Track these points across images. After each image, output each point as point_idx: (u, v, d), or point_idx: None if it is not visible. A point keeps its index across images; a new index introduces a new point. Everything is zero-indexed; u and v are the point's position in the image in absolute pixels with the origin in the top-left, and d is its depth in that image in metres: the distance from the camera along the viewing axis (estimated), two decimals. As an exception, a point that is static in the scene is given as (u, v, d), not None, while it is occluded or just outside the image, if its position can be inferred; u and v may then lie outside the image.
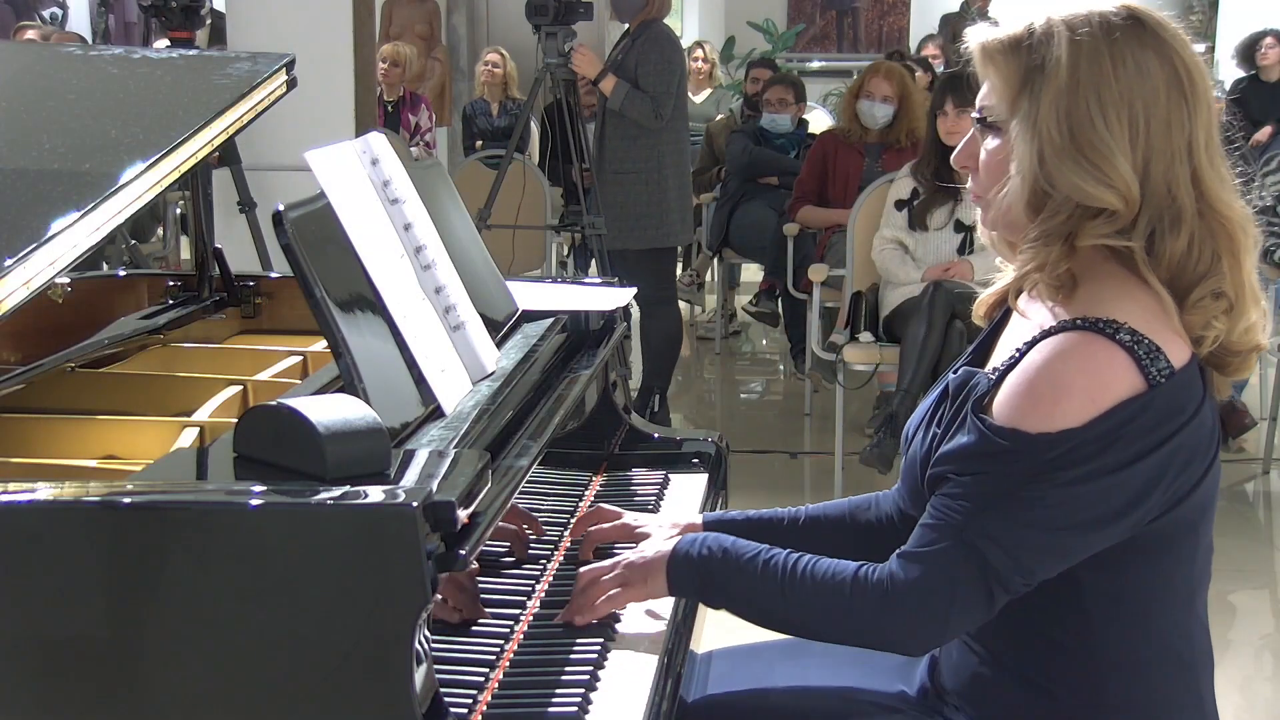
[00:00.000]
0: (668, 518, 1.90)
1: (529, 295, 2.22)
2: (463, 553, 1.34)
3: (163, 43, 5.64)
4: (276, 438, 1.41)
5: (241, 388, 2.03)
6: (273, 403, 1.44)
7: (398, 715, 1.29)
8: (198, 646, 1.31)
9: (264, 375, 2.12)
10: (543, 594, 1.78)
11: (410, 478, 1.38)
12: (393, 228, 1.81)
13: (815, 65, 13.02)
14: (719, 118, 7.73)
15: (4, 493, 1.34)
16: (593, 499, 2.16)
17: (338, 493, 1.32)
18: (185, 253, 6.60)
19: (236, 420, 1.49)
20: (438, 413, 1.69)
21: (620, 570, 1.68)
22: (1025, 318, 1.59)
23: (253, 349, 2.32)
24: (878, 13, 14.07)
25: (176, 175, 2.03)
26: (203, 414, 1.92)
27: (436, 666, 1.38)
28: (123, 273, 2.74)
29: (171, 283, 2.55)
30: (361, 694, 1.30)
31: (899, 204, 4.80)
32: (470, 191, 4.52)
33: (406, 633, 1.29)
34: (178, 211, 6.80)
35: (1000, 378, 1.52)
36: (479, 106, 8.18)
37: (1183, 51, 1.49)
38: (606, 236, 5.13)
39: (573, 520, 2.00)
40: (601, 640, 1.64)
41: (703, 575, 1.63)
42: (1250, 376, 5.73)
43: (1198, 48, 1.52)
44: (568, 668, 1.59)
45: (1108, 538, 1.48)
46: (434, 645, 1.37)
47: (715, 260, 7.08)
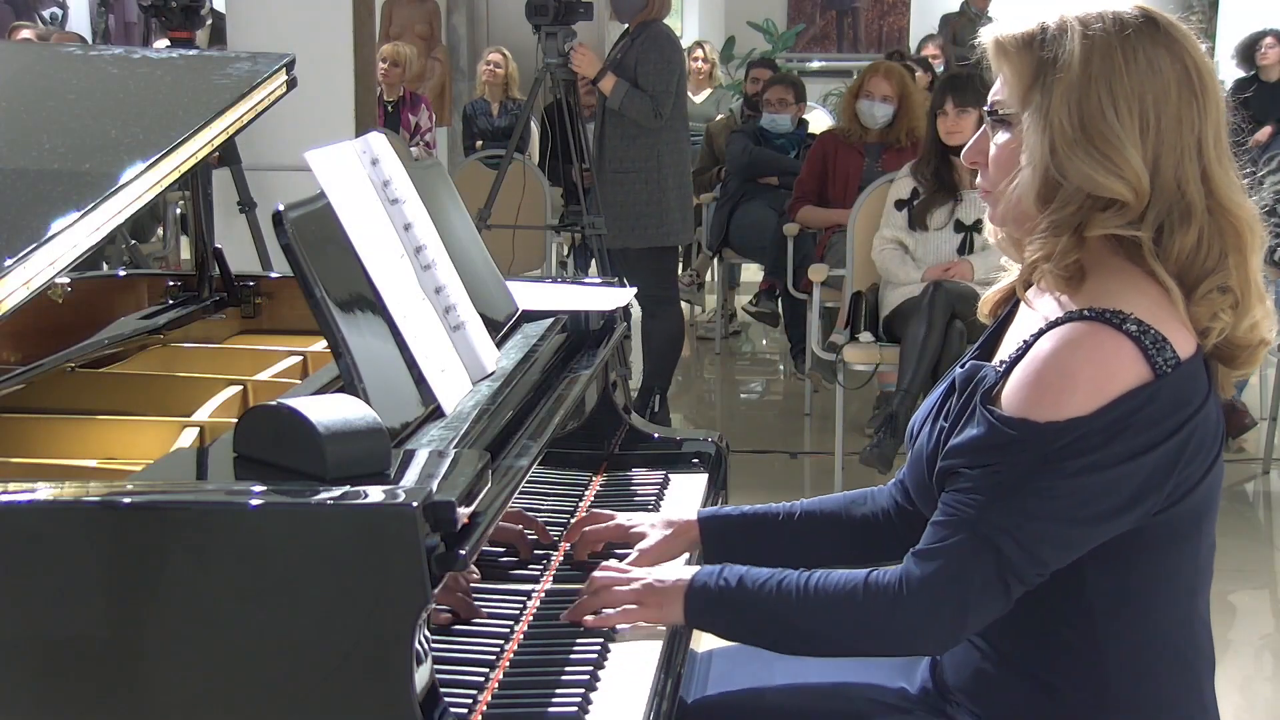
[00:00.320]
0: (662, 515, 1.90)
1: (529, 295, 2.22)
2: (463, 553, 1.35)
3: (163, 43, 5.65)
4: (276, 438, 1.41)
5: (241, 388, 2.03)
6: (273, 403, 1.45)
7: (398, 715, 1.29)
8: (198, 646, 1.31)
9: (264, 375, 2.12)
10: (543, 594, 1.78)
11: (410, 478, 1.38)
12: (393, 228, 1.81)
13: (815, 65, 13.02)
14: (719, 118, 7.73)
15: (4, 493, 1.34)
16: (593, 499, 2.16)
17: (338, 493, 1.33)
18: (185, 253, 6.60)
19: (236, 420, 1.49)
20: (438, 413, 1.69)
21: (638, 589, 1.67)
22: (1033, 309, 1.60)
23: (253, 349, 2.32)
24: (878, 13, 14.07)
25: (176, 175, 2.03)
26: (203, 414, 1.92)
27: (436, 666, 1.38)
28: (123, 273, 2.74)
29: (171, 283, 2.55)
30: (361, 694, 1.30)
31: (899, 204, 4.79)
32: (470, 191, 4.52)
33: (406, 633, 1.29)
34: (178, 211, 6.80)
35: (1008, 369, 1.53)
36: (479, 106, 8.18)
37: (1194, 52, 1.51)
38: (607, 236, 5.13)
39: (572, 521, 2.00)
40: (601, 640, 1.64)
41: (721, 608, 1.63)
42: (1251, 376, 5.72)
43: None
44: (568, 668, 1.59)
45: (1118, 526, 1.49)
46: (434, 645, 1.37)
47: (715, 260, 7.08)
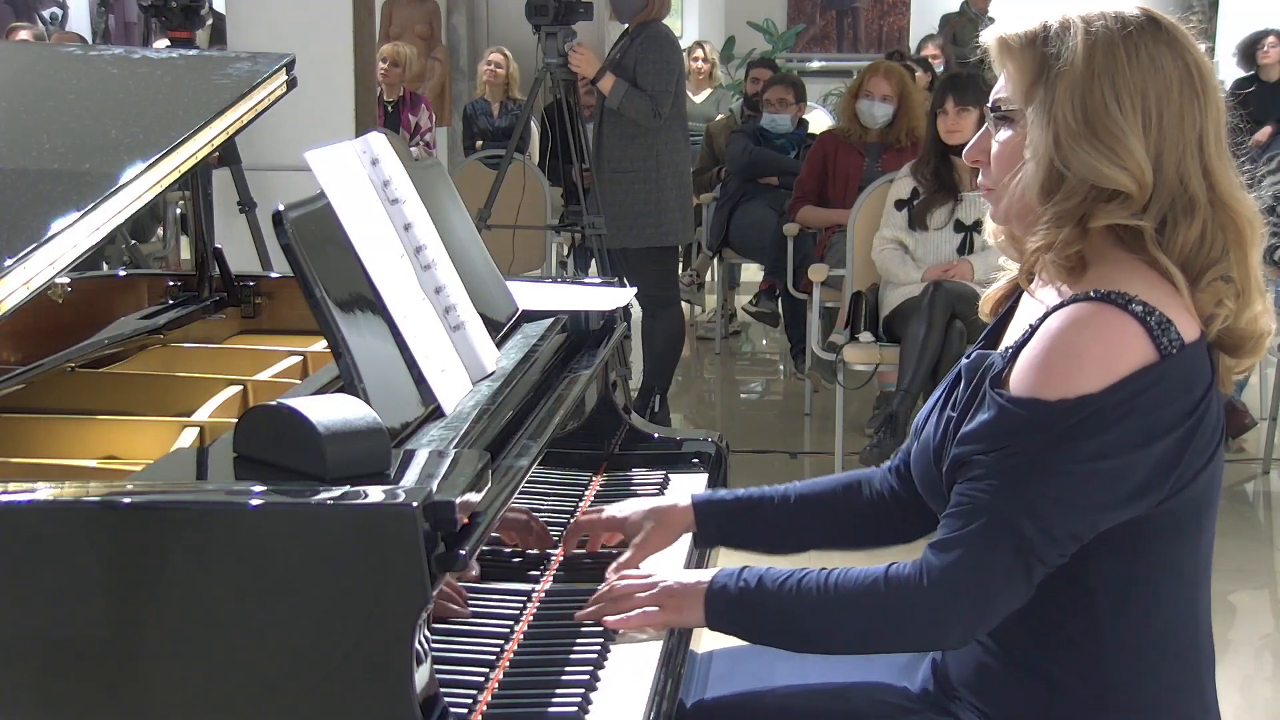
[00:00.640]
0: (652, 502, 1.89)
1: (529, 295, 2.22)
2: (462, 553, 1.35)
3: (163, 43, 5.65)
4: (276, 438, 1.41)
5: (241, 388, 2.03)
6: (273, 403, 1.45)
7: (398, 715, 1.29)
8: (198, 646, 1.31)
9: (264, 375, 2.12)
10: (543, 594, 1.78)
11: (410, 478, 1.38)
12: (393, 228, 1.81)
13: (815, 65, 13.02)
14: (719, 118, 7.73)
15: (4, 493, 1.34)
16: (593, 499, 2.16)
17: (338, 493, 1.33)
18: (185, 253, 6.60)
19: (236, 420, 1.49)
20: (438, 413, 1.69)
21: (656, 592, 1.67)
22: (1036, 300, 1.61)
23: (253, 349, 2.32)
24: (878, 13, 14.07)
25: (176, 175, 2.03)
26: (203, 414, 1.92)
27: (436, 666, 1.38)
28: (123, 273, 2.74)
29: (171, 283, 2.55)
30: (361, 694, 1.30)
31: (899, 204, 4.79)
32: (470, 191, 4.52)
33: (406, 633, 1.29)
34: (178, 211, 6.80)
35: (1014, 354, 1.54)
36: (480, 106, 8.18)
37: (1194, 51, 1.53)
38: (606, 235, 5.13)
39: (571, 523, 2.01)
40: (601, 640, 1.64)
41: (742, 609, 1.63)
42: (1251, 376, 5.71)
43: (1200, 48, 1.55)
44: (568, 668, 1.59)
45: (1130, 510, 1.50)
46: (434, 645, 1.37)
47: (715, 260, 7.08)
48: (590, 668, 1.58)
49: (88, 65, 2.48)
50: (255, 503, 1.32)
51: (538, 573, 1.84)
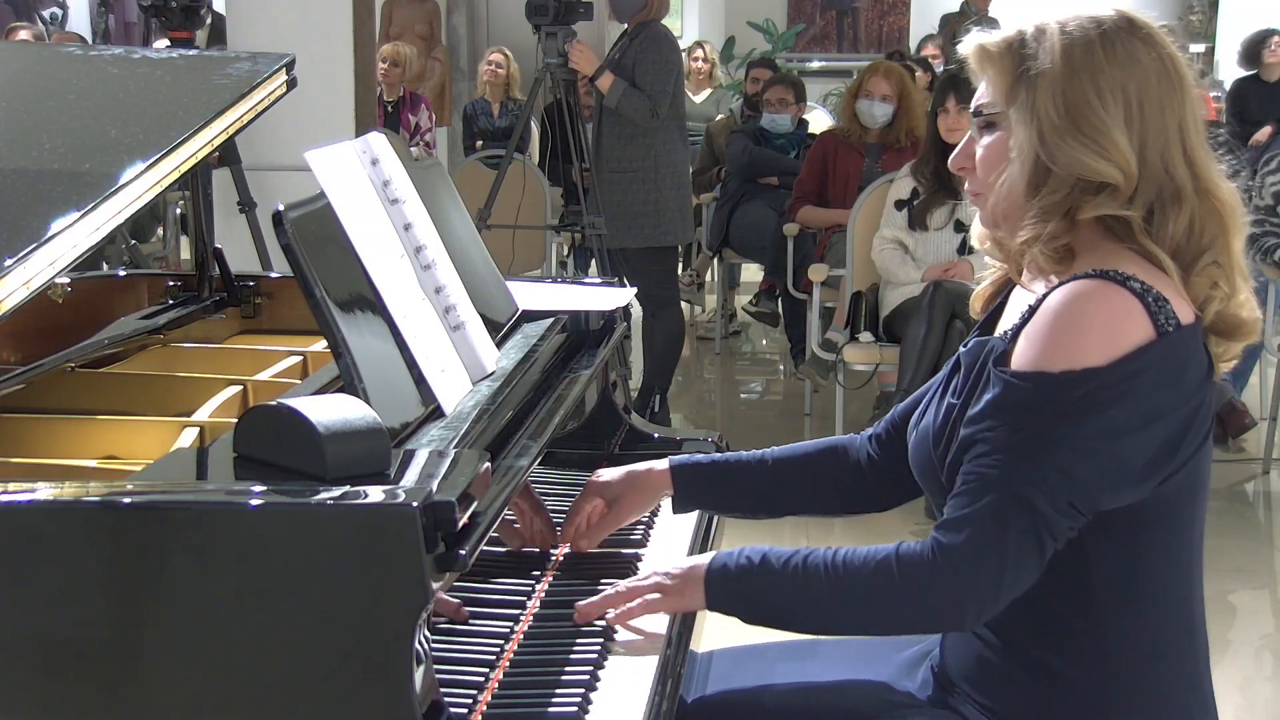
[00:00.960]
0: (626, 467, 1.90)
1: (529, 295, 2.22)
2: (463, 553, 1.35)
3: (163, 43, 5.64)
4: (276, 438, 1.41)
5: (241, 388, 2.03)
6: (273, 403, 1.45)
7: (398, 715, 1.29)
8: (198, 646, 1.31)
9: (264, 375, 2.12)
10: (543, 594, 1.78)
11: (410, 478, 1.38)
12: (393, 228, 1.81)
13: (815, 65, 13.02)
14: (719, 118, 7.73)
15: (4, 493, 1.34)
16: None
17: (338, 493, 1.33)
18: (185, 253, 6.60)
19: (236, 420, 1.49)
20: (438, 413, 1.69)
21: (655, 579, 1.67)
22: (1029, 290, 1.62)
23: (253, 349, 2.32)
24: (878, 13, 14.07)
25: (176, 175, 2.03)
26: (203, 414, 1.92)
27: (436, 666, 1.38)
28: (123, 273, 2.74)
29: (171, 283, 2.55)
30: (361, 694, 1.30)
31: (899, 204, 4.80)
32: (470, 191, 4.53)
33: (406, 633, 1.29)
34: (178, 211, 6.80)
35: (1015, 334, 1.55)
36: (480, 106, 8.18)
37: (1168, 46, 1.57)
38: (606, 236, 5.14)
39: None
40: (601, 640, 1.64)
41: (744, 590, 1.62)
42: (1250, 376, 5.69)
43: (1198, 47, 1.57)
44: (568, 668, 1.59)
45: (1135, 491, 1.51)
46: (434, 645, 1.37)
47: (715, 260, 7.08)
48: (590, 668, 1.58)
49: (88, 65, 2.48)
50: (255, 503, 1.31)
51: (538, 572, 1.84)
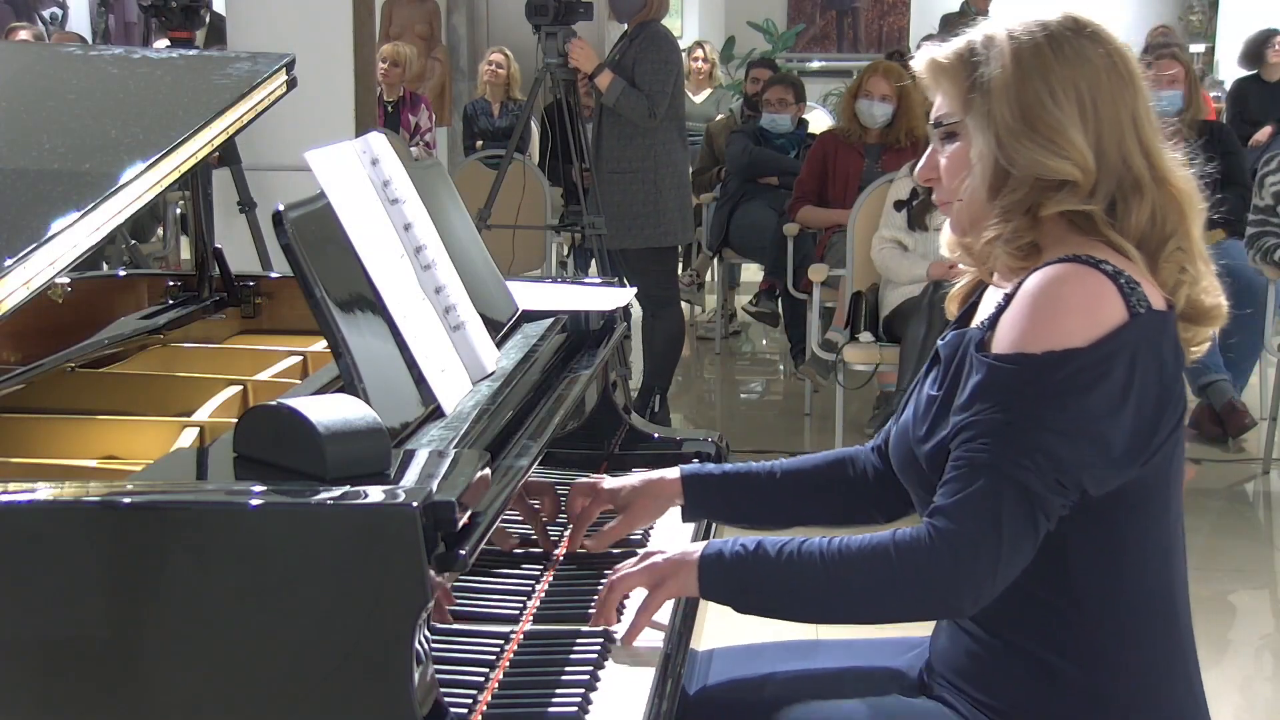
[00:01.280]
0: (640, 475, 1.91)
1: (529, 295, 2.23)
2: (463, 553, 1.35)
3: (163, 43, 5.64)
4: (276, 438, 1.41)
5: (241, 388, 2.03)
6: (273, 403, 1.45)
7: (398, 715, 1.29)
8: (198, 646, 1.31)
9: (264, 375, 2.12)
10: (543, 594, 1.78)
11: (410, 478, 1.39)
12: (393, 228, 1.81)
13: (815, 65, 13.03)
14: (719, 118, 7.73)
15: (4, 493, 1.34)
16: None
17: (338, 493, 1.33)
18: (185, 253, 6.60)
19: (236, 420, 1.49)
20: (438, 413, 1.69)
21: (647, 568, 1.66)
22: (1001, 288, 1.64)
23: (253, 349, 2.32)
24: (878, 13, 14.07)
25: (176, 175, 2.03)
26: (203, 414, 1.92)
27: (436, 666, 1.38)
28: (123, 273, 2.74)
29: (171, 283, 2.55)
30: (361, 694, 1.30)
31: (898, 204, 4.79)
32: (470, 191, 4.52)
33: (406, 633, 1.29)
34: (178, 211, 6.80)
35: (992, 322, 1.58)
36: (480, 106, 8.18)
37: (1114, 42, 1.61)
38: (606, 236, 5.14)
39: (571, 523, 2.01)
40: (601, 640, 1.64)
41: (737, 577, 1.62)
42: (1250, 376, 5.68)
43: (1198, 47, 1.59)
44: (568, 668, 1.59)
45: (1117, 474, 1.52)
46: (434, 645, 1.37)
47: (715, 260, 7.08)
48: (590, 668, 1.58)
49: (88, 65, 2.48)
50: (255, 503, 1.32)
51: (538, 572, 1.84)
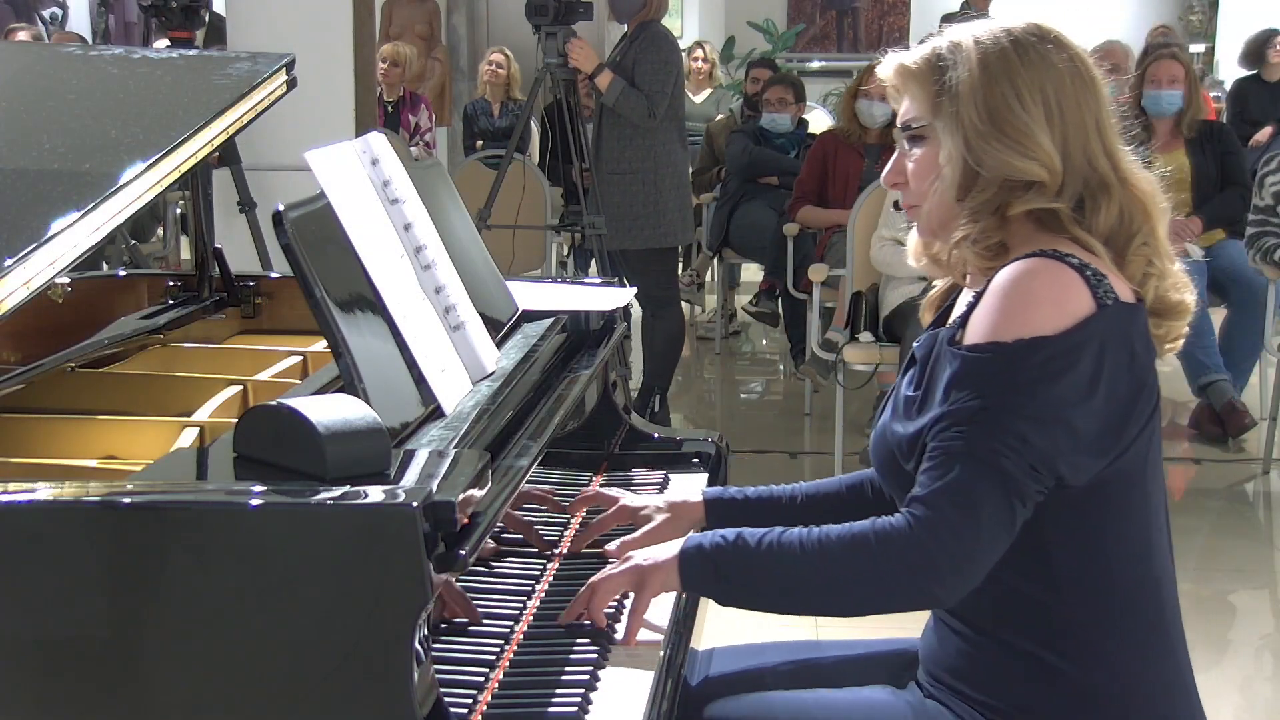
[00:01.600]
0: (665, 496, 1.91)
1: (529, 295, 2.23)
2: (463, 553, 1.35)
3: (163, 43, 5.64)
4: (276, 438, 1.41)
5: (241, 388, 2.03)
6: (273, 403, 1.45)
7: (397, 715, 1.29)
8: (198, 646, 1.31)
9: (264, 375, 2.12)
10: (543, 594, 1.78)
11: (410, 478, 1.39)
12: (393, 228, 1.81)
13: (815, 65, 13.02)
14: (719, 118, 7.73)
15: (4, 493, 1.35)
16: (593, 499, 2.16)
17: (338, 493, 1.33)
18: (185, 253, 6.60)
19: (236, 420, 1.49)
20: (438, 413, 1.69)
21: (629, 569, 1.66)
22: (972, 288, 1.67)
23: (253, 349, 2.32)
24: (878, 13, 14.07)
25: (176, 175, 2.04)
26: (203, 414, 1.92)
27: (436, 666, 1.38)
28: (123, 273, 2.74)
29: (171, 283, 2.55)
30: (361, 694, 1.30)
31: (898, 204, 4.78)
32: (470, 191, 4.52)
33: (406, 633, 1.29)
34: (178, 211, 6.80)
35: (964, 319, 1.60)
36: (480, 106, 8.18)
37: (1076, 47, 1.66)
38: (606, 237, 5.14)
39: (571, 522, 2.01)
40: (601, 640, 1.64)
41: (717, 566, 1.62)
42: (1250, 376, 5.68)
43: (1198, 47, 1.60)
44: (568, 668, 1.59)
45: (1091, 463, 1.55)
46: (434, 645, 1.37)
47: (715, 260, 7.08)
48: (590, 668, 1.58)
49: (88, 65, 2.48)
50: (255, 503, 1.32)
51: (538, 572, 1.84)
